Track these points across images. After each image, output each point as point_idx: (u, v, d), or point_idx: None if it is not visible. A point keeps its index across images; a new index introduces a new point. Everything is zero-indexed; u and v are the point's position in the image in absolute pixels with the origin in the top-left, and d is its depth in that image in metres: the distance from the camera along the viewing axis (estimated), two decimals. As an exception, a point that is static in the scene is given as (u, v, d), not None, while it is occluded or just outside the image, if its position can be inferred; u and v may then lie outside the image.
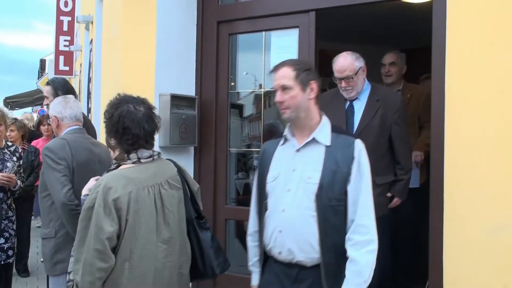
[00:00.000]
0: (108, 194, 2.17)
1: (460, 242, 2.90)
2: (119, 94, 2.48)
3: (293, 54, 3.97)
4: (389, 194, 3.47)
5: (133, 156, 2.34)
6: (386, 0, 3.82)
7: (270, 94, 4.41)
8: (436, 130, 3.18)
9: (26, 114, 11.53)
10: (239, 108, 4.65)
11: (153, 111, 2.44)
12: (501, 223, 2.62)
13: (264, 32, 4.22)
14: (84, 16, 7.84)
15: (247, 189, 4.59)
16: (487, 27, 2.84)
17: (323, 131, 2.32)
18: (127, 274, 2.21)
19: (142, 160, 2.35)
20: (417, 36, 4.27)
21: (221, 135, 4.36)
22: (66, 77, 11.04)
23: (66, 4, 10.09)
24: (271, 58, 4.20)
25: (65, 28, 10.13)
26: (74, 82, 12.23)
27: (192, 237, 2.50)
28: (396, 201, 3.51)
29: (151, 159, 2.39)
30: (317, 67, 3.81)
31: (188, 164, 4.39)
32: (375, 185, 2.80)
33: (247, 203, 4.40)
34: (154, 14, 4.09)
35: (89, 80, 7.41)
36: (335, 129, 2.36)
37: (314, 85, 2.31)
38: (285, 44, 4.10)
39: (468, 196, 2.88)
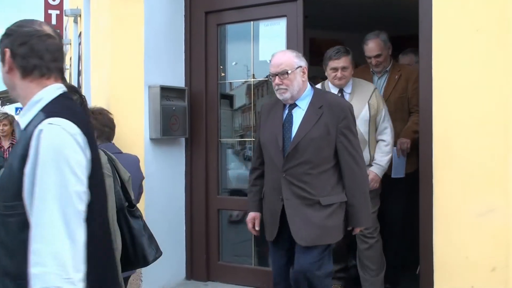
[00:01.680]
0: None
1: (450, 227, 2.94)
2: None
3: (282, 43, 3.97)
4: (349, 228, 2.97)
5: None
6: (373, -13, 3.83)
7: (261, 84, 4.42)
8: (424, 116, 3.21)
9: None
10: (230, 98, 4.65)
11: (84, 99, 2.40)
12: (489, 206, 2.65)
13: (252, 22, 4.21)
14: (72, 10, 7.77)
15: (241, 179, 4.61)
16: (472, 13, 2.86)
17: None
18: None
19: None
20: (405, 24, 4.25)
21: (211, 126, 4.37)
22: (56, 71, 10.99)
23: (54, -3, 10.01)
24: (259, 47, 4.20)
25: (54, 21, 10.04)
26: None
27: (123, 225, 2.50)
28: (357, 230, 3.03)
29: None
30: (306, 55, 3.84)
31: (179, 156, 4.40)
32: (320, 206, 2.79)
33: (240, 193, 4.45)
34: (142, 6, 4.07)
35: (79, 73, 7.37)
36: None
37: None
38: (273, 33, 4.10)
39: (457, 181, 2.91)
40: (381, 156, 3.56)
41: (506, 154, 2.76)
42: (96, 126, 2.99)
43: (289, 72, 2.85)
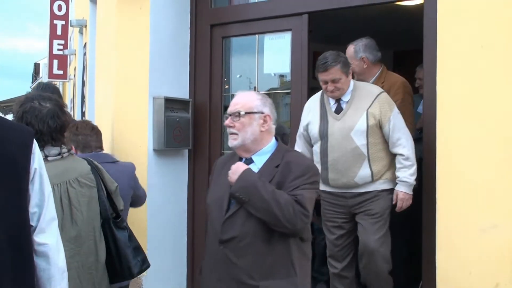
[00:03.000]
0: None
1: (453, 243, 2.92)
2: (28, 93, 2.47)
3: (286, 57, 3.99)
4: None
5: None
6: (378, 3, 3.85)
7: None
8: (428, 133, 3.21)
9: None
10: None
11: (62, 108, 2.41)
12: (491, 223, 2.65)
13: (257, 35, 4.24)
14: (78, 20, 7.83)
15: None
16: (477, 29, 2.87)
17: None
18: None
19: (49, 158, 2.32)
20: (409, 38, 4.27)
21: (215, 137, 4.38)
22: (60, 81, 11.03)
23: (59, 8, 10.05)
24: (264, 60, 4.22)
25: (59, 32, 10.09)
26: (68, 86, 12.23)
27: (108, 236, 2.46)
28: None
29: (59, 156, 2.36)
30: (310, 69, 3.85)
31: (182, 167, 4.41)
32: None
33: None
34: (148, 18, 4.10)
35: (83, 84, 7.40)
36: None
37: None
38: (278, 46, 4.13)
39: (460, 197, 2.91)
40: (403, 171, 3.22)
41: (509, 170, 2.76)
42: (70, 138, 2.95)
43: (241, 113, 2.35)
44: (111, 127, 4.21)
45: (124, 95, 4.21)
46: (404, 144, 3.23)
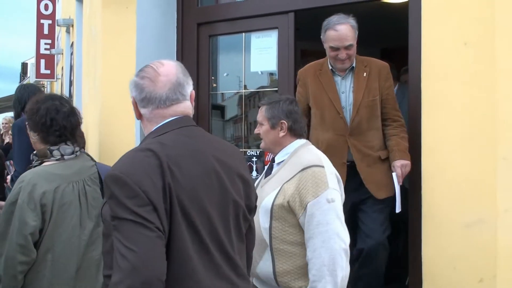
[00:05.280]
0: (33, 190, 2.29)
1: (438, 238, 2.95)
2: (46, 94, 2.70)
3: (273, 55, 4.00)
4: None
5: (56, 153, 2.44)
6: (365, 0, 3.87)
7: (252, 95, 4.44)
8: (413, 129, 3.24)
9: (8, 118, 11.38)
10: (221, 109, 4.66)
11: (75, 109, 2.58)
12: (476, 218, 2.68)
13: (244, 34, 4.24)
14: (65, 20, 7.80)
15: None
16: (460, 27, 2.90)
17: None
18: (50, 266, 2.33)
19: (65, 157, 2.46)
20: (396, 36, 4.29)
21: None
22: (48, 80, 10.97)
23: (46, 7, 10.00)
24: (251, 59, 4.22)
25: (46, 31, 10.04)
26: (56, 86, 12.15)
27: None
28: None
29: (74, 155, 2.49)
30: (297, 67, 3.87)
31: (170, 166, 4.39)
32: None
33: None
34: (134, 16, 4.09)
35: (71, 83, 7.37)
36: None
37: None
38: (264, 45, 4.13)
39: (445, 192, 2.94)
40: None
41: (494, 165, 2.78)
42: None
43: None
44: (98, 126, 4.20)
45: (111, 94, 4.19)
46: (314, 261, 2.23)
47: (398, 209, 3.17)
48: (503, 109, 2.75)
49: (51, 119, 2.42)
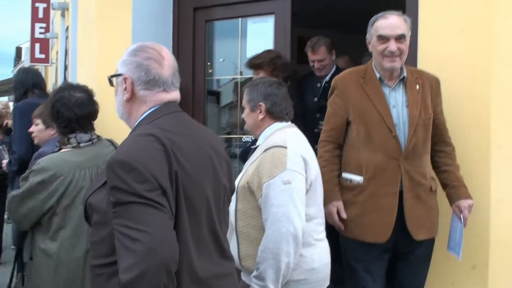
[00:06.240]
0: (43, 174, 2.50)
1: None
2: (62, 84, 2.80)
3: (269, 41, 3.98)
4: None
5: (73, 141, 2.63)
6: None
7: (248, 81, 4.42)
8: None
9: (4, 102, 11.34)
10: (217, 95, 4.65)
11: (91, 97, 2.71)
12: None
13: (240, 19, 4.21)
14: (60, 3, 7.73)
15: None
16: (457, 15, 2.90)
17: None
18: (59, 244, 2.53)
19: (81, 145, 2.64)
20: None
21: (198, 121, 4.35)
22: (42, 65, 10.90)
23: (41, -10, 9.91)
24: (247, 44, 4.20)
25: (41, 15, 9.95)
26: (50, 70, 12.08)
27: None
28: None
29: (90, 142, 2.67)
30: (294, 52, 3.85)
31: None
32: None
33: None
34: (130, 2, 4.05)
35: (66, 68, 7.32)
36: None
37: None
38: (261, 30, 4.11)
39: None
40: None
41: (488, 154, 2.80)
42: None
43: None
44: (93, 111, 4.18)
45: (106, 79, 4.15)
46: (262, 243, 2.22)
47: (460, 257, 2.73)
48: (498, 97, 2.77)
49: (57, 112, 2.61)
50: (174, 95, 1.74)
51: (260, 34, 4.11)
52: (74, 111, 2.59)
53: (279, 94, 2.46)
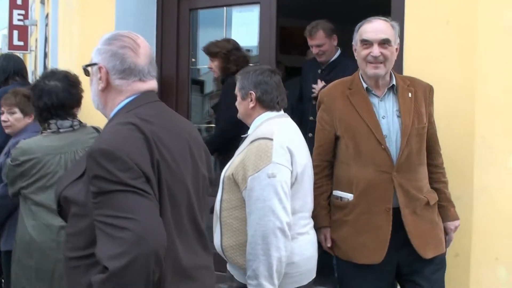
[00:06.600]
0: (21, 155, 2.57)
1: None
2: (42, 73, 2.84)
3: (254, 30, 3.96)
4: None
5: (53, 126, 2.63)
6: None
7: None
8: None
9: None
10: (200, 84, 4.63)
11: (72, 85, 2.67)
12: (453, 195, 2.72)
13: (225, 8, 4.19)
14: (39, -11, 7.58)
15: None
16: (443, 6, 2.91)
17: None
18: (32, 221, 2.60)
19: (60, 130, 2.64)
20: (380, 13, 4.27)
21: (182, 110, 4.32)
22: (21, 52, 10.70)
23: (19, -24, 9.72)
24: (232, 34, 4.18)
25: (19, 1, 9.77)
26: (29, 58, 11.88)
27: None
28: None
29: (71, 128, 2.66)
30: (278, 43, 3.84)
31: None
32: None
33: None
34: (113, -13, 4.00)
35: (45, 55, 7.21)
36: None
37: None
38: (246, 20, 4.09)
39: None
40: None
41: (471, 143, 2.83)
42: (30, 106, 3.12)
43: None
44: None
45: (89, 67, 4.11)
46: (250, 240, 2.21)
47: None
48: (483, 88, 2.80)
49: (33, 101, 2.67)
50: (151, 84, 1.70)
51: (245, 24, 4.09)
52: (44, 101, 2.59)
53: (271, 82, 2.41)
